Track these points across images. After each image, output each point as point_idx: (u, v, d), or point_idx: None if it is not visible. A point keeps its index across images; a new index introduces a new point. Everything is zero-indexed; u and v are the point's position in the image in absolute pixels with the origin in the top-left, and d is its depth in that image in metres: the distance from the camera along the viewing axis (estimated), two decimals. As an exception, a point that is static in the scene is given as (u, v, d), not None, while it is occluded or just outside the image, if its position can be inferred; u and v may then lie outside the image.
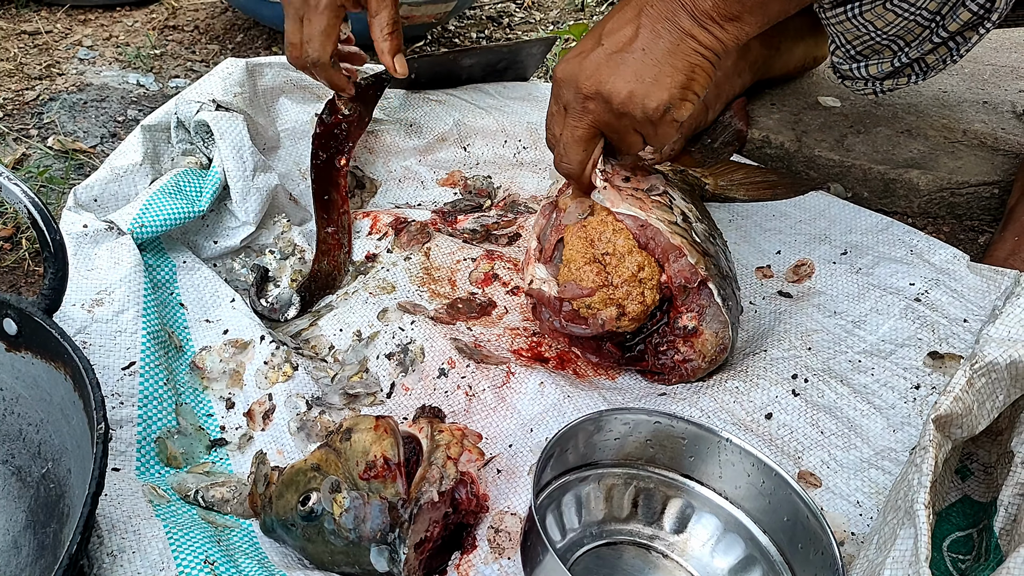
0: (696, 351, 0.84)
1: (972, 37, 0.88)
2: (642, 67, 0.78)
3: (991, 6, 0.84)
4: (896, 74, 0.96)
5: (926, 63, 0.93)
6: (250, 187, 0.98)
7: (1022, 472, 0.69)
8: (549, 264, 0.89)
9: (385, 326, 0.91)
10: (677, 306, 0.84)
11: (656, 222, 0.84)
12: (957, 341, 0.88)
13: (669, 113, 0.79)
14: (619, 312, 0.82)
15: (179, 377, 0.83)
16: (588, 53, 0.80)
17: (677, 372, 0.85)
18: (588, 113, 0.81)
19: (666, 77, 0.78)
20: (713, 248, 0.88)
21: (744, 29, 0.78)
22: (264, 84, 1.09)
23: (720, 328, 0.84)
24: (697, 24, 0.77)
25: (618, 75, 0.78)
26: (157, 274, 0.91)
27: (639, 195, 0.88)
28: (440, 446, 0.69)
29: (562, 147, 0.85)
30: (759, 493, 0.72)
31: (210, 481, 0.74)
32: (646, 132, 0.82)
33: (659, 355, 0.86)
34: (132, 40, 1.71)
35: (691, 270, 0.82)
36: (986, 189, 1.14)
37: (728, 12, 0.76)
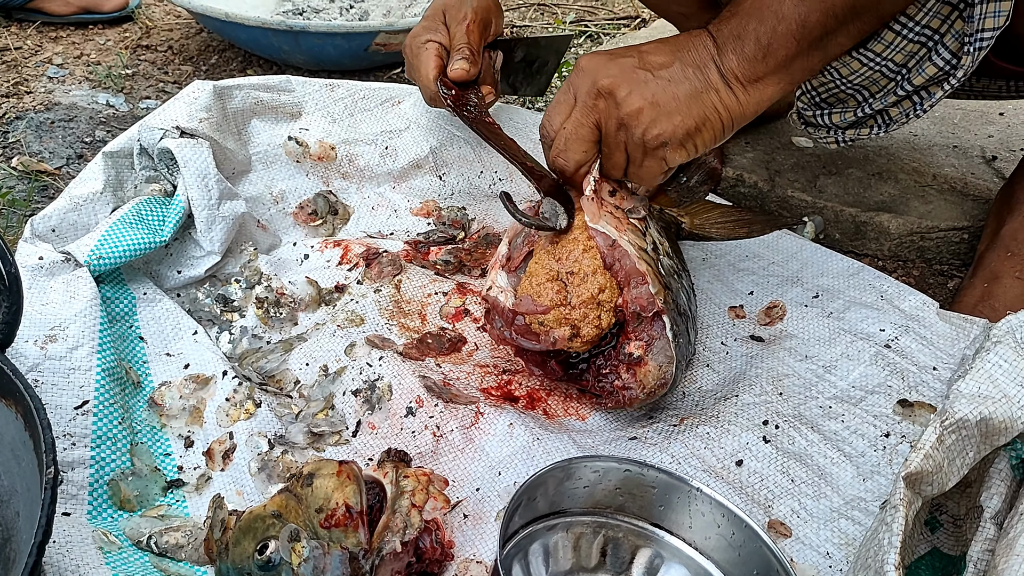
0: (637, 380, 0.82)
1: (936, 92, 0.89)
2: (661, 93, 0.79)
3: (956, 63, 0.85)
4: (859, 124, 0.97)
5: (889, 116, 0.94)
6: (215, 216, 0.96)
7: (991, 528, 0.69)
8: (512, 274, 0.89)
9: (352, 361, 0.89)
10: (627, 332, 0.83)
11: (626, 244, 0.84)
12: (926, 389, 0.88)
13: (664, 149, 0.80)
14: (572, 333, 0.82)
15: (136, 415, 0.81)
16: (619, 57, 0.81)
17: (614, 397, 0.84)
18: (595, 112, 0.81)
19: (677, 114, 0.79)
20: (676, 284, 0.89)
21: (766, 92, 0.80)
22: (234, 106, 1.08)
23: (665, 363, 0.82)
24: (723, 81, 0.79)
25: (637, 88, 0.79)
26: (115, 306, 0.88)
27: (618, 214, 0.88)
28: (405, 493, 0.67)
29: (563, 141, 0.84)
30: (729, 545, 0.71)
31: (164, 526, 0.72)
32: (634, 157, 0.83)
33: (600, 377, 0.85)
34: (103, 59, 1.68)
35: (649, 299, 0.82)
36: (956, 234, 1.15)
37: (752, 73, 0.79)
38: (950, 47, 0.84)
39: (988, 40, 0.81)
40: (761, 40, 0.78)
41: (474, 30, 1.06)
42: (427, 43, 1.05)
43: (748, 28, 0.79)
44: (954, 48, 0.84)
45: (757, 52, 0.78)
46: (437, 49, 1.05)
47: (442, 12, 1.07)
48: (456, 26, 1.05)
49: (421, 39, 1.06)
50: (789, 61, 0.79)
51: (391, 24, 1.59)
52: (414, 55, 1.06)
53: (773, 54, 0.78)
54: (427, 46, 1.05)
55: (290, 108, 1.13)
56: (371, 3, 1.95)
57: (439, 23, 1.06)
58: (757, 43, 0.78)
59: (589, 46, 1.94)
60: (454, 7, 1.07)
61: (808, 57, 0.80)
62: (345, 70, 1.68)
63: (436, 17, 1.07)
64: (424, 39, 1.05)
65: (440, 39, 1.05)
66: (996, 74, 0.98)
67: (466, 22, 1.05)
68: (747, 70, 0.79)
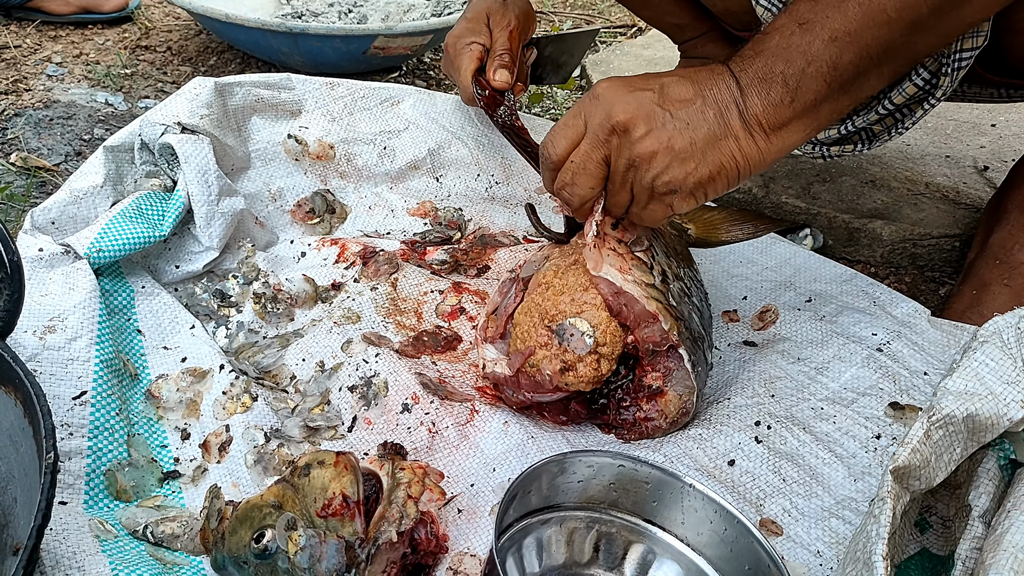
0: (659, 411, 0.83)
1: (917, 111, 0.89)
2: (679, 137, 0.74)
3: (936, 83, 0.86)
4: (843, 141, 0.97)
5: (872, 132, 0.95)
6: (215, 212, 0.96)
7: (979, 526, 0.70)
8: (498, 340, 0.88)
9: (349, 358, 0.90)
10: (643, 364, 0.83)
11: (632, 287, 0.80)
12: (917, 393, 0.89)
13: (672, 196, 0.76)
14: (564, 367, 0.80)
15: (133, 406, 0.81)
16: (638, 89, 0.76)
17: (637, 429, 0.84)
18: (607, 147, 0.76)
19: (692, 161, 0.74)
20: (687, 309, 0.86)
21: (790, 139, 0.75)
22: (234, 103, 1.08)
23: (685, 392, 0.83)
24: (744, 127, 0.74)
25: (655, 129, 0.74)
26: (114, 299, 0.88)
27: (621, 250, 0.84)
28: (401, 484, 0.68)
29: (570, 174, 0.79)
30: (721, 540, 0.71)
31: (160, 515, 0.72)
32: (639, 198, 0.78)
33: (622, 410, 0.85)
34: (103, 59, 1.69)
35: (662, 336, 0.81)
36: (947, 241, 1.17)
37: (777, 119, 0.74)
38: (929, 67, 0.85)
39: (968, 60, 0.82)
40: (789, 83, 0.72)
41: (515, 36, 1.09)
42: (471, 44, 1.08)
43: (775, 70, 0.73)
44: (932, 68, 0.85)
45: (784, 96, 0.73)
46: (480, 51, 1.08)
47: (486, 15, 1.10)
48: (499, 31, 1.09)
49: (465, 40, 1.09)
50: (817, 105, 0.73)
51: (389, 28, 1.60)
52: (456, 54, 1.10)
53: (801, 98, 0.73)
54: (471, 47, 1.08)
55: (290, 106, 1.14)
56: (369, 7, 1.97)
57: (483, 25, 1.10)
58: (784, 86, 0.73)
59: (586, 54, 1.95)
60: (498, 12, 1.10)
61: (837, 101, 0.74)
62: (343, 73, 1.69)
63: (480, 19, 1.10)
64: (468, 40, 1.09)
65: (483, 41, 1.09)
66: (987, 82, 1.00)
67: (509, 28, 1.09)
68: (772, 115, 0.73)
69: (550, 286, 0.84)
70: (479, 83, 1.07)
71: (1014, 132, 1.40)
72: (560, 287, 0.83)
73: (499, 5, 1.11)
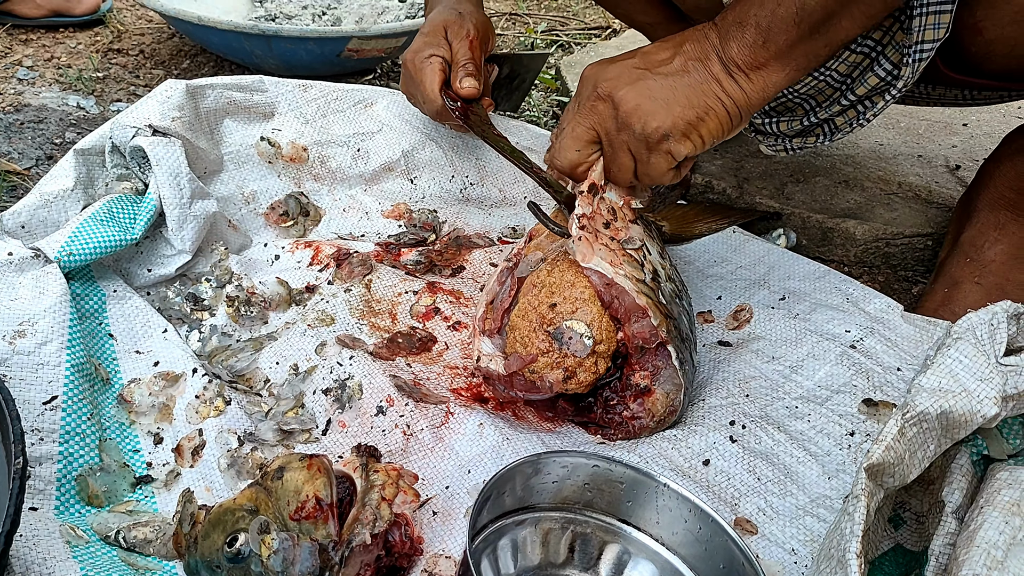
0: (646, 409, 0.83)
1: (879, 102, 0.91)
2: (659, 89, 0.79)
3: (897, 74, 0.87)
4: (806, 133, 0.98)
5: (835, 124, 0.96)
6: (187, 215, 0.96)
7: (952, 522, 0.70)
8: (495, 336, 0.87)
9: (323, 360, 0.89)
10: (632, 363, 0.83)
11: (623, 280, 0.82)
12: (891, 389, 0.90)
13: (667, 142, 0.80)
14: (567, 375, 0.81)
15: (105, 411, 0.80)
16: (619, 61, 0.82)
17: (624, 428, 0.84)
18: (594, 113, 0.82)
19: (677, 106, 0.79)
20: (677, 309, 0.87)
21: (770, 79, 0.79)
22: (207, 106, 1.07)
23: (673, 390, 0.83)
24: (725, 70, 0.79)
25: (634, 87, 0.79)
26: (85, 303, 0.87)
27: (613, 246, 0.85)
28: (375, 487, 0.67)
29: (560, 141, 0.85)
30: (696, 539, 0.71)
31: (132, 521, 0.71)
32: (639, 155, 0.82)
33: (608, 409, 0.85)
34: (74, 62, 1.67)
35: (651, 331, 0.81)
36: (920, 240, 1.18)
37: (754, 60, 0.78)
38: (891, 58, 0.86)
39: (928, 52, 0.83)
40: (761, 24, 0.77)
41: (476, 46, 1.07)
42: (431, 57, 1.06)
43: (749, 13, 0.77)
44: (895, 59, 0.86)
45: (757, 38, 0.77)
46: (442, 64, 1.06)
47: (443, 28, 1.08)
48: (459, 42, 1.07)
49: (424, 54, 1.07)
50: (791, 46, 0.77)
51: (363, 30, 1.59)
52: (417, 69, 1.07)
53: (773, 39, 0.77)
54: (431, 60, 1.06)
55: (263, 108, 1.13)
56: (343, 9, 1.96)
57: (441, 38, 1.08)
58: (757, 28, 0.77)
59: (561, 56, 1.96)
60: (455, 24, 1.08)
61: (810, 42, 0.77)
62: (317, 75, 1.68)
63: (437, 32, 1.08)
64: (428, 54, 1.06)
65: (443, 54, 1.06)
66: (950, 83, 1.01)
67: (469, 38, 1.07)
68: (748, 57, 0.77)
69: (544, 286, 0.84)
70: (448, 96, 1.05)
71: (985, 131, 1.42)
72: (552, 286, 0.84)
73: (455, 17, 1.09)
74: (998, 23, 0.86)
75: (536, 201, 0.91)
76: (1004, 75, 0.95)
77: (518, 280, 0.91)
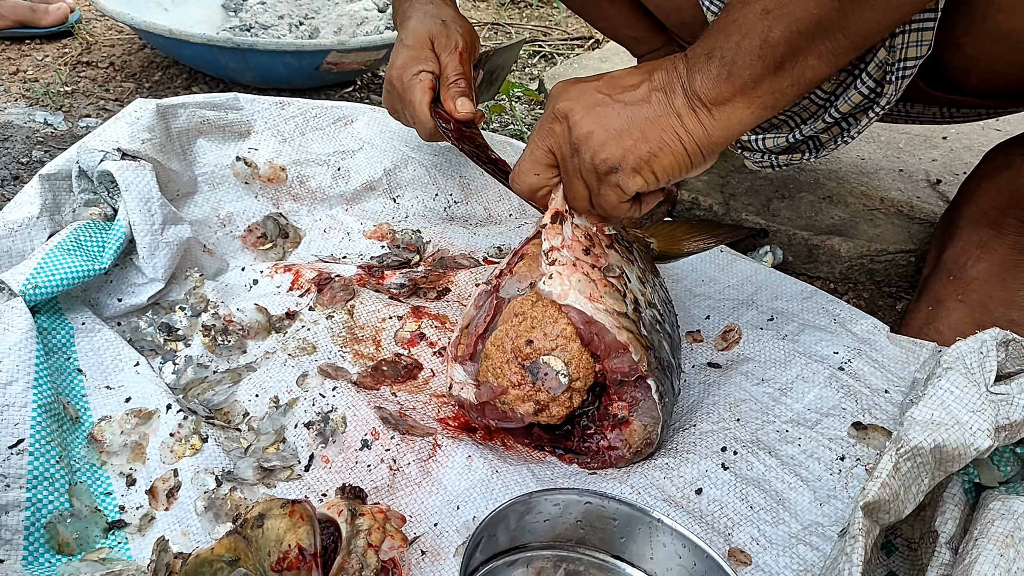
0: (623, 440, 0.81)
1: (863, 120, 0.90)
2: (614, 118, 0.75)
3: (880, 91, 0.86)
4: (791, 149, 0.97)
5: (820, 141, 0.95)
6: (159, 241, 0.92)
7: (946, 553, 0.69)
8: (468, 362, 0.85)
9: (304, 392, 0.87)
10: (610, 393, 0.82)
11: (603, 317, 0.79)
12: (879, 412, 0.89)
13: (615, 175, 0.76)
14: (538, 408, 0.79)
15: (74, 452, 0.77)
16: (584, 82, 0.79)
17: (600, 458, 0.83)
18: (552, 135, 0.80)
19: (629, 138, 0.75)
20: (658, 337, 0.85)
21: (734, 116, 0.74)
22: (178, 126, 1.04)
23: (651, 423, 0.81)
24: (688, 104, 0.74)
25: (590, 113, 0.76)
26: (52, 338, 0.84)
27: (594, 275, 0.83)
28: (360, 532, 0.65)
29: (519, 164, 0.83)
30: (691, 575, 0.70)
31: (106, 569, 0.68)
32: (590, 185, 0.80)
33: (586, 438, 0.83)
34: (41, 76, 1.63)
35: (631, 366, 0.80)
36: (903, 257, 1.17)
37: (718, 95, 0.73)
38: (874, 75, 0.85)
39: (911, 69, 0.82)
40: (725, 57, 0.73)
41: (466, 59, 1.03)
42: (420, 74, 1.01)
43: (716, 45, 0.74)
44: (877, 76, 0.85)
45: (722, 71, 0.73)
46: (431, 80, 1.01)
47: (429, 40, 1.03)
48: (447, 55, 1.02)
49: (412, 70, 1.01)
50: (755, 82, 0.73)
51: (342, 43, 1.56)
52: (405, 88, 1.01)
53: (738, 73, 0.73)
54: (420, 78, 1.00)
55: (238, 127, 1.10)
56: (321, 20, 1.93)
57: (428, 51, 1.02)
58: (722, 61, 0.73)
59: (543, 66, 1.94)
60: (442, 35, 1.03)
61: (776, 79, 0.73)
62: (295, 89, 1.65)
63: (423, 45, 1.03)
64: (416, 70, 1.01)
65: (432, 68, 1.01)
66: (929, 100, 1.00)
67: (458, 51, 1.02)
68: (712, 91, 0.73)
69: (525, 317, 0.82)
70: (440, 116, 1.00)
71: (964, 145, 1.42)
72: (534, 319, 0.81)
73: (441, 27, 1.03)
74: (977, 40, 0.85)
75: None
76: (983, 92, 0.95)
77: (496, 304, 0.88)
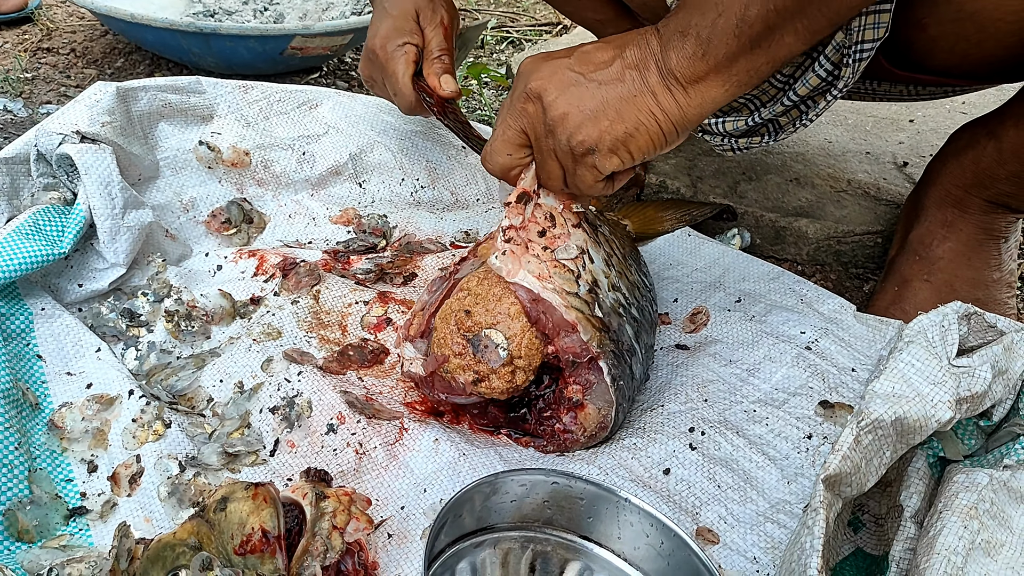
0: (578, 423, 0.81)
1: (821, 102, 0.90)
2: (589, 98, 0.74)
3: (838, 74, 0.87)
4: (751, 133, 0.97)
5: (779, 124, 0.95)
6: (119, 226, 0.91)
7: (911, 527, 0.70)
8: (419, 340, 0.86)
9: (270, 377, 0.86)
10: (565, 376, 0.81)
11: (550, 295, 0.79)
12: (846, 390, 0.89)
13: (592, 156, 0.75)
14: (477, 378, 0.79)
15: (34, 439, 0.75)
16: (555, 58, 0.77)
17: (556, 441, 0.82)
18: (524, 116, 0.78)
19: (605, 120, 0.74)
20: (618, 321, 0.85)
21: (708, 94, 0.74)
22: (139, 109, 1.02)
23: (604, 406, 0.81)
24: (662, 82, 0.73)
25: (565, 93, 0.74)
26: (11, 323, 0.82)
27: (545, 257, 0.82)
28: (325, 514, 0.64)
29: (491, 143, 0.81)
30: (658, 554, 0.70)
31: (67, 556, 0.67)
32: (565, 165, 0.78)
33: (542, 421, 0.83)
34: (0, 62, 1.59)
35: (582, 346, 0.79)
36: (870, 238, 1.18)
37: (693, 73, 0.72)
38: (831, 58, 0.85)
39: (868, 51, 0.82)
40: (701, 35, 0.72)
41: (450, 35, 1.02)
42: (403, 46, 1.00)
43: (691, 22, 0.72)
44: (835, 59, 0.85)
45: (697, 49, 0.72)
46: (414, 53, 1.01)
47: (414, 12, 1.02)
48: (432, 29, 1.02)
49: (396, 41, 1.01)
50: (731, 60, 0.72)
51: (307, 27, 1.54)
52: (388, 58, 1.01)
53: (713, 52, 0.71)
54: (404, 48, 1.00)
55: (201, 111, 1.08)
56: (286, 5, 1.90)
57: (412, 23, 1.02)
58: (697, 39, 0.72)
59: (511, 52, 1.93)
60: (427, 8, 1.03)
61: (751, 56, 0.72)
62: (259, 74, 1.63)
63: (408, 16, 1.02)
64: (400, 41, 1.00)
65: (416, 42, 1.01)
66: (894, 79, 1.01)
67: (443, 25, 1.02)
68: (687, 69, 0.72)
69: (470, 292, 0.82)
70: (423, 90, 1.00)
71: (931, 127, 1.43)
72: (479, 296, 0.81)
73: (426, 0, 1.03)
74: (940, 20, 0.86)
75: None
76: (946, 71, 0.96)
77: (451, 286, 0.88)
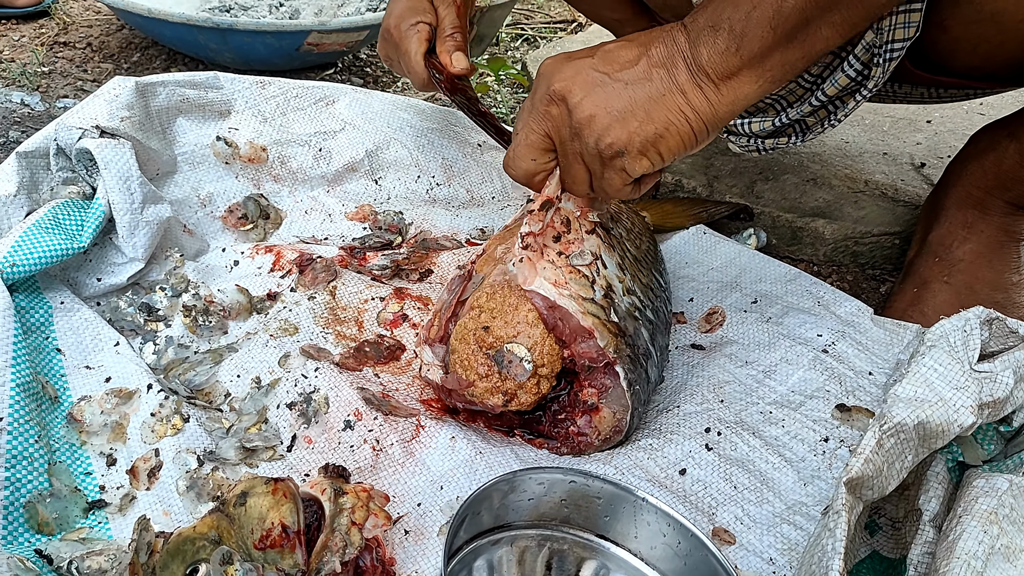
0: (592, 426, 0.81)
1: (849, 103, 0.89)
2: (616, 99, 0.72)
3: (867, 74, 0.86)
4: (778, 133, 0.96)
5: (806, 124, 0.95)
6: (138, 220, 0.91)
7: (930, 531, 0.70)
8: (439, 344, 0.85)
9: (287, 372, 0.86)
10: (580, 380, 0.81)
11: (567, 301, 0.79)
12: (863, 394, 0.89)
13: (621, 159, 0.74)
14: (506, 400, 0.79)
15: (53, 432, 0.76)
16: (577, 58, 0.75)
17: (570, 443, 0.82)
18: (548, 119, 0.76)
19: (634, 120, 0.72)
20: (634, 325, 0.85)
21: (741, 90, 0.71)
22: (158, 104, 1.02)
23: (620, 410, 0.81)
24: (692, 80, 0.71)
25: (591, 94, 0.72)
26: (30, 317, 0.83)
27: (560, 263, 0.82)
28: (344, 510, 0.65)
29: (514, 149, 0.79)
30: (675, 554, 0.70)
31: (86, 549, 0.67)
32: (593, 169, 0.77)
33: (556, 423, 0.83)
34: (18, 56, 1.60)
35: (598, 352, 0.79)
36: (888, 239, 1.18)
37: (725, 68, 0.70)
38: (861, 58, 0.85)
39: (899, 51, 0.82)
40: (735, 28, 0.69)
41: (463, 13, 1.02)
42: (417, 24, 1.00)
43: (723, 16, 0.70)
44: (864, 59, 0.85)
45: (730, 43, 0.69)
46: (428, 32, 1.01)
47: None
48: (445, 8, 1.02)
49: (410, 20, 1.01)
50: (765, 54, 0.70)
51: (323, 24, 1.55)
52: (402, 37, 1.01)
53: (747, 45, 0.69)
54: (417, 27, 1.00)
55: (218, 106, 1.08)
56: (302, 1, 1.91)
57: (426, 2, 1.02)
58: (731, 33, 0.69)
59: (526, 50, 1.93)
60: None
61: (787, 50, 0.70)
62: (275, 70, 1.64)
63: None
64: (413, 20, 1.00)
65: (430, 20, 1.01)
66: (916, 81, 1.01)
67: (456, 3, 1.01)
68: (719, 65, 0.70)
69: (483, 309, 0.81)
70: (433, 66, 1.00)
71: (949, 128, 1.43)
72: (492, 309, 0.81)
73: None
74: (961, 21, 0.85)
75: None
76: (968, 73, 0.95)
77: (466, 286, 0.88)
